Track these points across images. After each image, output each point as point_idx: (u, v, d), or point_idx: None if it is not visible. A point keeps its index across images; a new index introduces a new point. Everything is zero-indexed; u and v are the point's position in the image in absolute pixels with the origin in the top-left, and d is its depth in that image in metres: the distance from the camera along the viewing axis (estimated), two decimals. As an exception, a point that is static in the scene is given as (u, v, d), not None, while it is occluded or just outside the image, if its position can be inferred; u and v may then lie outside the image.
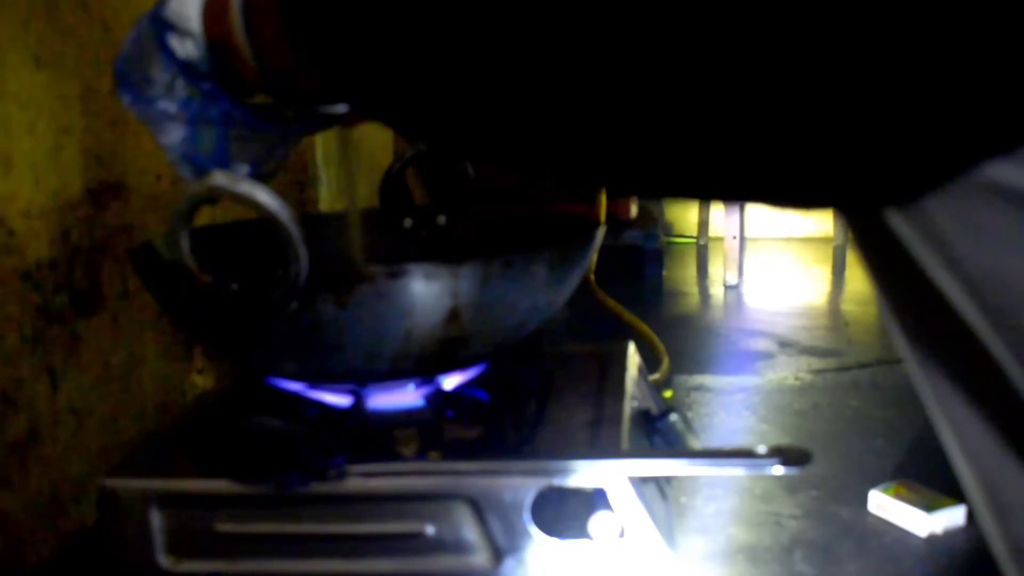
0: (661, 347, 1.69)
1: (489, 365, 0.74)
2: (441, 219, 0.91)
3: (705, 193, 0.39)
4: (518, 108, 0.36)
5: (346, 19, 0.40)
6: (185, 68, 0.56)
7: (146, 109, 0.58)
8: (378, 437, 0.66)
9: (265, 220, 0.56)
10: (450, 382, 0.72)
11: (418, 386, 0.70)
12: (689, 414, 1.45)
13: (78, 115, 0.86)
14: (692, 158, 0.34)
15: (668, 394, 1.55)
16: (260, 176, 0.61)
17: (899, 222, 0.34)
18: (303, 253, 0.57)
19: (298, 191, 1.47)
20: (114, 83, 0.59)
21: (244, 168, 0.60)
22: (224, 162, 0.59)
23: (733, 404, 1.54)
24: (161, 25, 0.56)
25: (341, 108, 0.61)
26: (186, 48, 0.56)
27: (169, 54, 0.56)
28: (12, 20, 0.78)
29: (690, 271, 2.85)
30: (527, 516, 0.59)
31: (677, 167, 0.35)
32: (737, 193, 0.37)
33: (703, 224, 3.11)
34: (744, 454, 0.60)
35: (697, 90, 0.31)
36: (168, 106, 0.58)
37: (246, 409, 0.74)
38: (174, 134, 0.58)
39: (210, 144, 0.59)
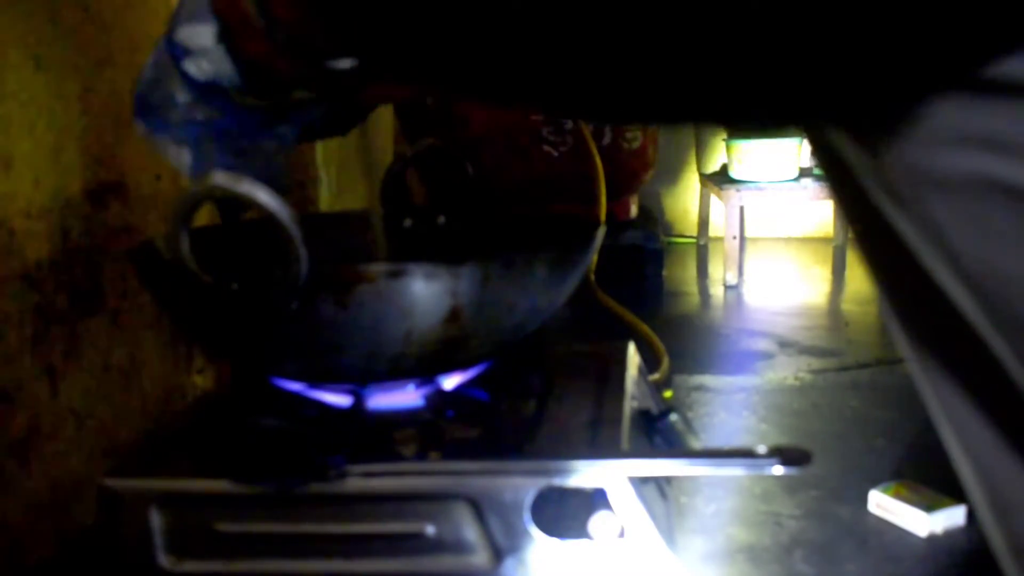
0: (661, 347, 1.69)
1: (489, 365, 0.74)
2: (441, 219, 0.91)
3: (689, 112, 0.40)
4: (516, 41, 0.37)
5: None
6: (204, 90, 0.58)
7: (158, 137, 0.61)
8: (378, 437, 0.66)
9: (265, 220, 0.56)
10: (450, 382, 0.72)
11: (418, 386, 0.70)
12: (689, 414, 1.45)
13: (78, 115, 0.86)
14: (677, 74, 0.34)
15: (668, 394, 1.55)
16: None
17: (899, 218, 0.35)
18: (303, 253, 0.57)
19: (298, 191, 1.47)
20: (133, 111, 0.61)
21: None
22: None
23: (733, 404, 1.54)
24: (176, 50, 0.57)
25: (346, 63, 0.61)
26: (203, 68, 0.57)
27: (188, 77, 0.58)
28: (12, 20, 0.78)
29: (690, 271, 2.85)
30: (527, 516, 0.59)
31: (665, 86, 0.36)
32: (718, 112, 0.37)
33: (703, 224, 3.10)
34: (744, 454, 0.60)
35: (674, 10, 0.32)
36: (176, 133, 0.60)
37: (246, 409, 0.74)
38: (184, 157, 0.62)
39: (213, 162, 0.62)
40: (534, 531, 0.59)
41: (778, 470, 0.59)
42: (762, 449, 0.59)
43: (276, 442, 0.66)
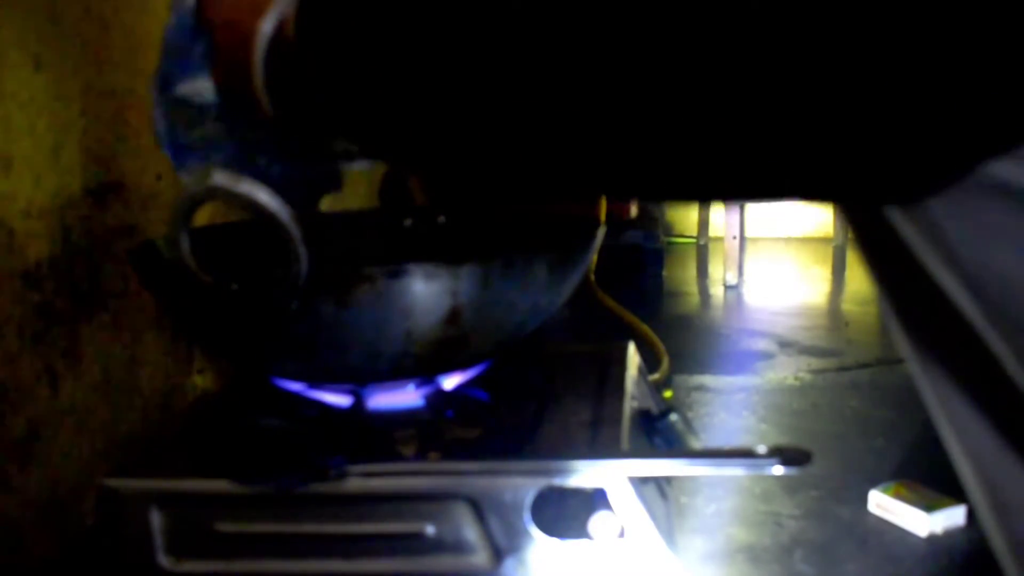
0: (661, 347, 1.69)
1: (489, 365, 0.74)
2: (441, 219, 0.91)
3: (717, 192, 0.40)
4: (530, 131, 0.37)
5: (366, 64, 0.42)
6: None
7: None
8: (378, 437, 0.66)
9: (265, 220, 0.56)
10: (450, 382, 0.72)
11: (418, 386, 0.70)
12: (689, 414, 1.45)
13: (78, 115, 0.86)
14: (699, 158, 0.34)
15: (668, 394, 1.55)
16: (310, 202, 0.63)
17: (901, 221, 0.35)
18: (303, 253, 0.57)
19: (298, 191, 1.47)
20: (172, 167, 0.61)
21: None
22: None
23: (733, 404, 1.55)
24: (177, 99, 0.58)
25: (364, 165, 0.62)
26: (209, 117, 0.58)
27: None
28: (12, 20, 0.78)
29: (690, 271, 2.85)
30: (527, 516, 0.59)
31: (682, 169, 0.35)
32: (751, 192, 0.37)
33: (703, 224, 3.10)
34: (744, 454, 0.60)
35: (712, 93, 0.32)
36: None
37: (246, 409, 0.74)
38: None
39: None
40: (534, 531, 0.59)
41: (778, 470, 0.59)
42: (762, 449, 0.59)
43: (276, 442, 0.66)
